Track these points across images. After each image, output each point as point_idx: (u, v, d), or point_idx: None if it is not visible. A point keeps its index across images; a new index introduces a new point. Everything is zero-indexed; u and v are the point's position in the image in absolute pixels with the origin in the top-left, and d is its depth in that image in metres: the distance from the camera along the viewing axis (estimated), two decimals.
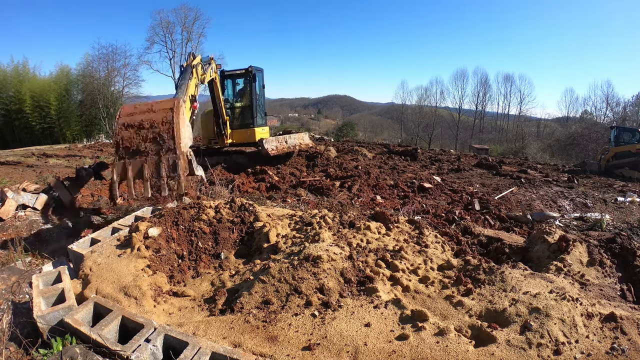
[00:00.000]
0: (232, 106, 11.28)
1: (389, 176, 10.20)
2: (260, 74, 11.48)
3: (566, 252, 3.92)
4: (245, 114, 11.26)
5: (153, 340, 2.22)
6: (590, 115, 40.84)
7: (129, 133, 4.27)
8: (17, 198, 5.58)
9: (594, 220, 6.52)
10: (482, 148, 32.82)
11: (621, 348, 2.27)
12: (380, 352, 2.22)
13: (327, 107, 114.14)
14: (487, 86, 52.37)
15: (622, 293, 3.47)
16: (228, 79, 11.51)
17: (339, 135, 36.01)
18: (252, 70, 10.82)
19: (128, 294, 2.76)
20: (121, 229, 3.76)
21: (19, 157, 12.44)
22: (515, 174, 12.26)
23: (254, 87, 11.06)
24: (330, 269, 2.92)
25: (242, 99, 11.44)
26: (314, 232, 3.89)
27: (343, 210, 5.51)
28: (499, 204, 7.80)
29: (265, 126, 12.03)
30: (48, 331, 2.36)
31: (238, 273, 3.41)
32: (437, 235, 4.33)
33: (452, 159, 16.55)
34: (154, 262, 3.27)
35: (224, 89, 11.11)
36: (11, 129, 25.02)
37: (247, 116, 11.20)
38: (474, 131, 49.14)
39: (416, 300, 2.90)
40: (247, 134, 11.04)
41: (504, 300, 2.72)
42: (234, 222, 4.20)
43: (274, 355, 2.22)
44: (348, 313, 2.55)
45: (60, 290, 2.68)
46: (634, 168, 14.39)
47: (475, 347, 2.26)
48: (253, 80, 11.00)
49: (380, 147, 19.13)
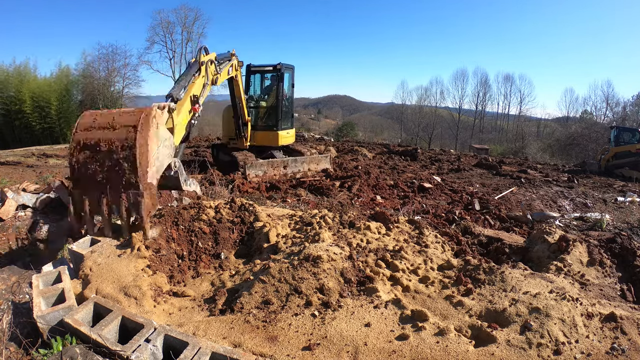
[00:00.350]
0: (257, 105, 10.37)
1: (389, 176, 10.21)
2: (290, 72, 10.48)
3: (566, 252, 3.92)
4: (269, 115, 10.27)
5: (153, 341, 2.22)
6: (590, 115, 40.87)
7: (84, 156, 3.36)
8: (17, 198, 5.58)
9: (594, 220, 6.52)
10: (482, 148, 32.83)
11: (621, 348, 2.27)
12: (380, 352, 2.22)
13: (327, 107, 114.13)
14: (487, 86, 52.41)
15: (622, 293, 3.47)
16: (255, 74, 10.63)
17: (339, 135, 36.02)
18: (280, 67, 9.86)
19: (128, 294, 2.76)
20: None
21: (19, 157, 12.44)
22: (515, 174, 12.27)
23: (282, 87, 10.05)
24: (330, 269, 2.92)
25: (268, 98, 10.45)
26: (314, 232, 3.89)
27: (343, 210, 5.52)
28: (499, 204, 7.81)
29: (291, 129, 10.84)
30: (48, 331, 2.36)
31: (238, 273, 3.42)
32: (437, 235, 4.33)
33: (452, 159, 16.56)
34: (154, 262, 3.26)
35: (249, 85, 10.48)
36: (11, 129, 25.04)
37: (272, 117, 10.21)
38: (474, 131, 49.15)
39: (416, 300, 2.90)
40: (269, 137, 10.11)
41: (504, 300, 2.72)
42: (234, 222, 4.20)
43: (274, 355, 2.22)
44: (348, 313, 2.55)
45: (60, 290, 2.68)
46: (634, 168, 14.40)
47: (475, 347, 2.26)
48: (281, 80, 9.99)
49: (380, 147, 19.15)
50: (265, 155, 9.80)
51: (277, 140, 10.07)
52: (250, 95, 10.54)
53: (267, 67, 10.32)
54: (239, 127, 9.64)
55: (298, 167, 9.28)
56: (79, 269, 3.05)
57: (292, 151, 10.77)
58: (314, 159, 9.79)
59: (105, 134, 3.35)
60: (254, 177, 8.40)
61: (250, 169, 8.39)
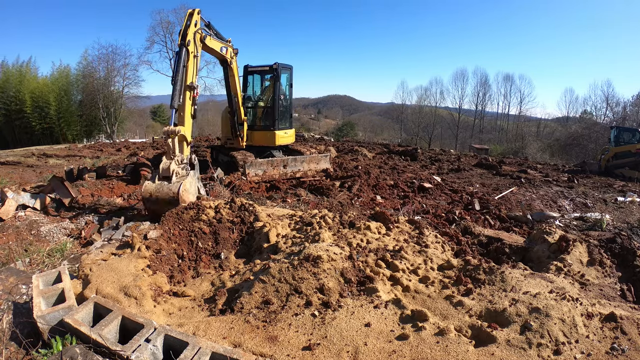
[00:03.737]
0: (255, 105, 10.42)
1: (389, 176, 10.20)
2: (288, 72, 10.46)
3: (566, 252, 3.92)
4: (266, 115, 10.25)
5: (153, 341, 2.22)
6: (590, 115, 40.79)
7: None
8: (17, 198, 5.58)
9: (594, 220, 6.52)
10: (482, 148, 32.84)
11: (621, 348, 2.27)
12: (381, 352, 2.22)
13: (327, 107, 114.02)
14: (487, 86, 52.33)
15: (622, 293, 3.47)
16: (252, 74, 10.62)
17: (339, 135, 36.03)
18: (276, 67, 9.81)
19: (128, 294, 2.76)
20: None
21: (19, 157, 12.45)
22: (515, 174, 12.27)
23: (278, 87, 10.01)
24: (330, 269, 2.92)
25: (265, 98, 10.42)
26: (314, 232, 3.89)
27: (343, 210, 5.52)
28: (499, 204, 7.80)
29: (289, 129, 10.69)
30: (48, 331, 2.36)
31: (238, 273, 3.41)
32: (437, 235, 4.33)
33: (452, 159, 16.56)
34: (154, 262, 3.27)
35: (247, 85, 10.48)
36: (11, 129, 25.05)
37: (269, 117, 10.16)
38: (474, 131, 49.11)
39: (416, 300, 2.90)
40: (266, 136, 10.05)
41: (504, 300, 2.72)
42: (234, 222, 4.20)
43: (274, 355, 2.22)
44: (348, 313, 2.55)
45: (60, 290, 2.68)
46: (634, 168, 14.38)
47: (475, 347, 2.26)
48: (277, 79, 9.93)
49: (380, 147, 19.14)
50: (264, 155, 9.80)
51: (274, 140, 10.05)
52: (249, 95, 10.57)
53: (264, 67, 10.33)
54: (234, 126, 9.64)
55: (298, 167, 9.28)
56: (79, 269, 3.05)
57: (291, 151, 10.75)
58: (313, 158, 9.77)
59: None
60: (254, 177, 8.40)
61: (250, 167, 8.40)
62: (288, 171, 9.07)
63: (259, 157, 9.49)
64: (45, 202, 5.84)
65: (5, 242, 4.58)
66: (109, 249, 3.35)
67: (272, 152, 10.11)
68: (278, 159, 9.14)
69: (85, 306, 2.52)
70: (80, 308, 2.50)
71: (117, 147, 16.67)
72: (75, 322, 2.34)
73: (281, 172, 8.95)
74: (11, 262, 4.01)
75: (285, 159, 9.18)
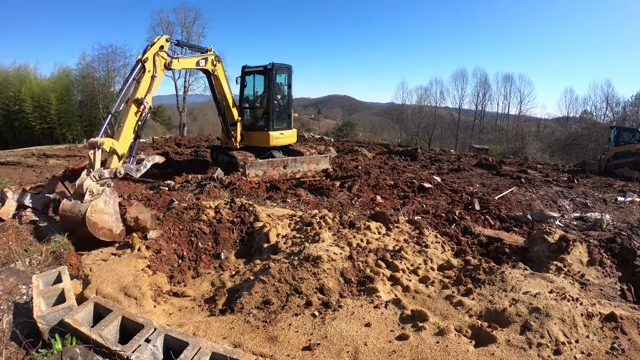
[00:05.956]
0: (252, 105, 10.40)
1: (389, 176, 10.19)
2: (286, 72, 10.35)
3: (566, 252, 3.93)
4: (262, 115, 10.19)
5: (153, 341, 2.22)
6: (590, 115, 40.76)
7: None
8: (17, 198, 5.57)
9: (594, 220, 6.51)
10: (482, 148, 32.81)
11: (621, 348, 2.27)
12: (381, 352, 2.22)
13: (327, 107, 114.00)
14: (486, 86, 52.26)
15: (622, 293, 3.47)
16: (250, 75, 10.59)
17: (339, 135, 36.02)
18: (271, 67, 9.75)
19: (128, 294, 2.76)
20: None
21: (19, 157, 12.44)
22: (515, 174, 12.26)
23: (272, 87, 9.92)
24: (330, 269, 2.92)
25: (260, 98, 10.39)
26: (314, 232, 3.89)
27: (343, 210, 5.52)
28: (499, 204, 7.80)
29: (287, 130, 10.52)
30: (48, 331, 2.36)
31: (238, 273, 3.42)
32: (437, 235, 4.33)
33: (452, 159, 16.55)
34: (154, 262, 3.27)
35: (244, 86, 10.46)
36: (11, 130, 25.05)
37: (263, 118, 10.10)
38: (474, 131, 49.09)
39: (416, 300, 2.90)
40: (261, 137, 9.98)
41: (504, 300, 2.72)
42: (234, 222, 4.20)
43: (274, 355, 2.22)
44: (348, 313, 2.55)
45: (60, 290, 2.68)
46: (634, 168, 14.37)
47: (475, 347, 2.26)
48: (272, 79, 9.86)
49: (380, 147, 19.14)
50: (265, 156, 9.80)
51: (269, 140, 9.96)
52: (246, 95, 10.57)
53: (260, 68, 10.29)
54: (226, 127, 9.69)
55: (298, 167, 9.33)
56: (79, 269, 3.05)
57: (291, 151, 10.73)
58: (313, 159, 9.80)
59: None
60: (254, 177, 8.42)
61: (250, 168, 8.42)
62: (288, 171, 9.12)
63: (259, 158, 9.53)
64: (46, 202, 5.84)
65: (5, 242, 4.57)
66: (109, 249, 3.35)
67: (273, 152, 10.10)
68: (278, 160, 9.16)
69: (85, 306, 2.52)
70: (80, 308, 2.50)
71: None
72: (76, 322, 2.34)
73: (281, 172, 8.99)
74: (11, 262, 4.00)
75: (285, 160, 9.21)
